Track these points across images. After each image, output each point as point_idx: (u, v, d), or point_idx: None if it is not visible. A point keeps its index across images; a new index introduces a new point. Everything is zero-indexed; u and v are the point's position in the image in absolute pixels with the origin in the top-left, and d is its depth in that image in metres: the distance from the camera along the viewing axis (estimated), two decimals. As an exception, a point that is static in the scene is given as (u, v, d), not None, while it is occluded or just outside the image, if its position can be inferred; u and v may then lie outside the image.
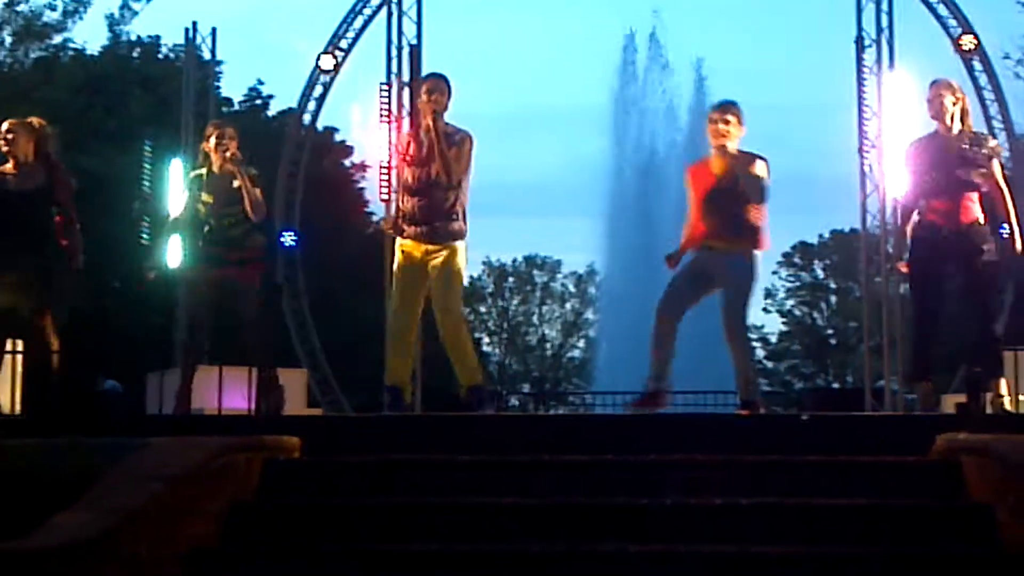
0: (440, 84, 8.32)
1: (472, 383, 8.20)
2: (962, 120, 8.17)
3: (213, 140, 8.72)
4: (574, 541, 5.50)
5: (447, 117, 8.29)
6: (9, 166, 8.45)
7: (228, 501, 5.80)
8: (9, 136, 8.39)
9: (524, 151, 73.87)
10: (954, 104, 8.13)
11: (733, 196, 8.07)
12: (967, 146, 8.10)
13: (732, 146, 8.14)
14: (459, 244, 8.27)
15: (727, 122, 8.15)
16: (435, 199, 8.20)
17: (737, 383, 8.11)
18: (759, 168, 8.12)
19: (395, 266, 8.43)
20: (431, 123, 8.17)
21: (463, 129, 8.34)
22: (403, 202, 8.36)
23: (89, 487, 5.31)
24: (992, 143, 8.33)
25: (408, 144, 8.37)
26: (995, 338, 8.21)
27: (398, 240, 8.35)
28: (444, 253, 8.20)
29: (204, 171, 8.80)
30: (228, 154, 8.59)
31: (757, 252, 8.17)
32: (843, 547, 5.40)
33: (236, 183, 8.60)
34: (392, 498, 6.01)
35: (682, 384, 8.27)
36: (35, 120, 8.53)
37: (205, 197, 8.70)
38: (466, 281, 8.82)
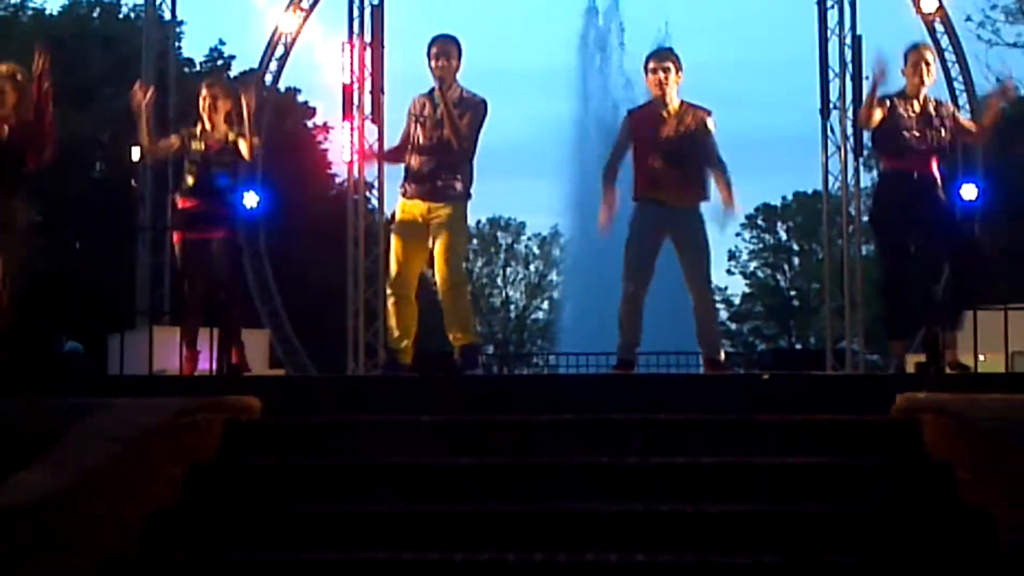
0: (448, 47, 8.16)
1: (466, 343, 8.17)
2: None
3: (206, 102, 8.59)
4: (533, 501, 5.53)
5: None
6: None
7: (189, 462, 5.79)
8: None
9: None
10: (929, 73, 8.19)
11: (682, 146, 8.04)
12: (933, 108, 8.19)
13: (673, 95, 8.11)
14: (461, 204, 8.21)
15: (667, 70, 8.13)
16: (441, 161, 8.14)
17: (702, 341, 8.11)
18: (711, 124, 8.12)
19: (394, 224, 8.40)
20: (439, 89, 8.10)
21: (478, 95, 8.24)
22: (411, 161, 8.26)
23: (49, 447, 5.29)
24: (949, 108, 8.44)
25: (423, 105, 8.25)
26: (963, 290, 8.25)
27: (400, 198, 8.30)
28: (446, 212, 8.13)
29: (198, 128, 8.68)
30: (222, 116, 8.53)
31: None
32: (804, 505, 5.44)
33: (231, 136, 8.54)
34: (353, 459, 6.01)
35: (645, 345, 8.23)
36: (19, 72, 8.07)
37: (195, 145, 8.60)
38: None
